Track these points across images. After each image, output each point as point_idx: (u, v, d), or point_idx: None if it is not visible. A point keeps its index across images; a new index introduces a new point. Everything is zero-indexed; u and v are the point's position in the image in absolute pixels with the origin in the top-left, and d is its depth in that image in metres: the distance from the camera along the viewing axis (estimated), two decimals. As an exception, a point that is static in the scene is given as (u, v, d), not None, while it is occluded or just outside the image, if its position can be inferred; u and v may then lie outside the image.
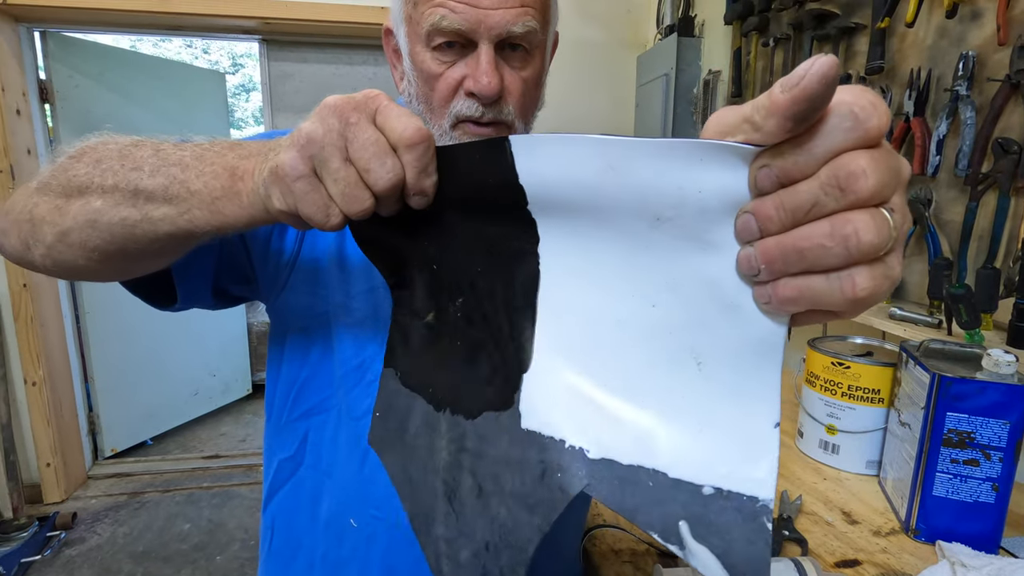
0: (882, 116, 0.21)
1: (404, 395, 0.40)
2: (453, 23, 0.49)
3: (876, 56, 1.14)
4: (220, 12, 2.12)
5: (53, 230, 0.41)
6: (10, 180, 2.10)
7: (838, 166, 0.22)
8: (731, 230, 0.25)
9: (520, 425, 0.35)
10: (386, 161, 0.32)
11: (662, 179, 0.26)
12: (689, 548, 0.28)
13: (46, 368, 2.26)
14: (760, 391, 0.27)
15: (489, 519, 0.35)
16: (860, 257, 0.22)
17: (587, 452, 0.32)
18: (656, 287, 0.29)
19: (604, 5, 2.37)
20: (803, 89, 0.20)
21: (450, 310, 0.39)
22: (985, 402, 0.68)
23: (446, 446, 0.38)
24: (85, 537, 2.15)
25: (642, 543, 0.74)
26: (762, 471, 0.26)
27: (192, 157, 0.38)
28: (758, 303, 0.26)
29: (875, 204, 0.22)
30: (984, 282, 0.91)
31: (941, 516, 0.73)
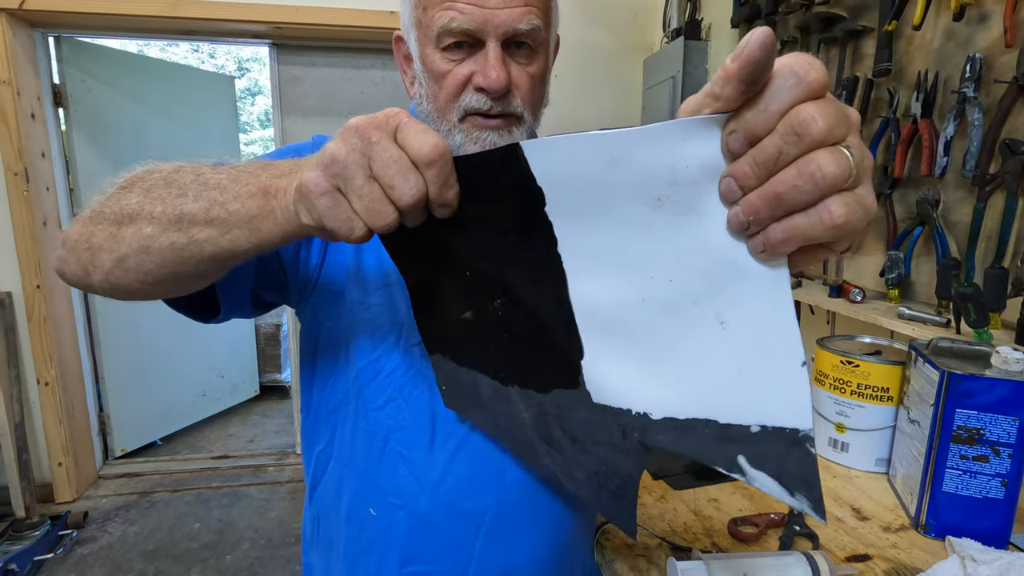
0: (819, 70, 0.25)
1: (464, 372, 0.45)
2: (462, 23, 0.52)
3: (883, 59, 1.16)
4: (231, 17, 2.14)
5: (110, 256, 0.44)
6: (24, 183, 2.13)
7: (791, 116, 0.25)
8: (716, 196, 0.29)
9: (592, 401, 0.41)
10: (409, 177, 0.34)
11: (656, 161, 0.29)
12: (750, 475, 0.32)
13: (58, 368, 2.29)
14: (780, 336, 0.29)
15: (592, 456, 0.41)
16: (828, 188, 0.25)
17: (651, 415, 0.37)
18: (668, 264, 0.32)
19: (611, 9, 2.38)
20: (747, 55, 0.24)
21: (489, 309, 0.43)
22: (994, 399, 0.69)
23: (525, 410, 0.43)
24: (96, 536, 2.17)
25: (655, 537, 0.75)
26: (797, 405, 0.30)
27: (229, 180, 0.40)
28: (754, 254, 0.29)
29: (831, 143, 0.25)
30: (992, 281, 0.92)
31: (951, 512, 0.74)
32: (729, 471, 0.33)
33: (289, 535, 2.18)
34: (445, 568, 0.59)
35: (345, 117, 2.57)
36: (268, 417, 3.27)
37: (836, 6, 1.34)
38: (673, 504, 0.83)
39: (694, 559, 0.65)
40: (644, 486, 0.88)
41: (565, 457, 0.42)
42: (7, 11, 2.03)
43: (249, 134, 9.14)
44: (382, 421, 0.58)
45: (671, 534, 0.75)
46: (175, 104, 2.83)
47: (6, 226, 2.15)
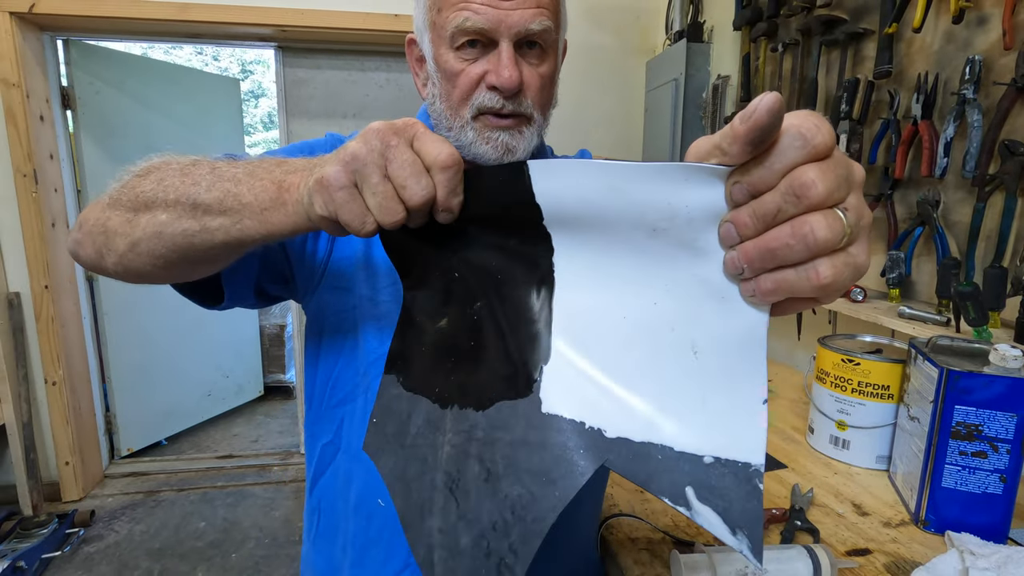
0: (826, 134, 0.26)
1: (406, 399, 0.44)
2: (476, 23, 0.54)
3: (884, 61, 1.17)
4: (238, 20, 2.17)
5: (125, 241, 0.46)
6: (33, 184, 2.15)
7: (793, 178, 0.26)
8: (715, 237, 0.30)
9: (540, 410, 0.39)
10: (420, 179, 0.36)
11: (655, 197, 0.31)
12: (695, 509, 0.32)
13: (66, 368, 2.31)
14: (748, 374, 0.31)
15: (499, 499, 0.38)
16: (819, 251, 0.27)
17: (604, 432, 0.36)
18: (656, 288, 0.34)
19: (614, 12, 2.40)
20: (755, 120, 0.25)
21: (466, 313, 0.43)
22: (992, 395, 0.70)
23: (450, 440, 0.41)
24: (103, 534, 2.19)
25: (658, 531, 0.76)
26: (753, 441, 0.31)
27: (244, 174, 0.43)
28: (744, 297, 0.30)
29: (830, 206, 0.27)
30: (992, 281, 0.93)
31: (950, 507, 0.75)
32: (675, 503, 0.32)
33: (293, 534, 2.19)
34: None
35: (350, 119, 2.60)
36: (272, 417, 3.29)
37: (837, 9, 1.35)
38: (676, 500, 0.84)
39: (696, 553, 0.66)
40: (647, 482, 0.89)
41: (461, 511, 0.39)
42: (17, 15, 2.05)
43: (253, 136, 9.18)
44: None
45: (674, 528, 0.77)
46: (181, 106, 2.85)
47: (15, 227, 2.18)
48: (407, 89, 2.64)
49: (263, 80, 9.31)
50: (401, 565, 0.61)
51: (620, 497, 0.85)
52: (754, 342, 0.31)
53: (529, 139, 0.59)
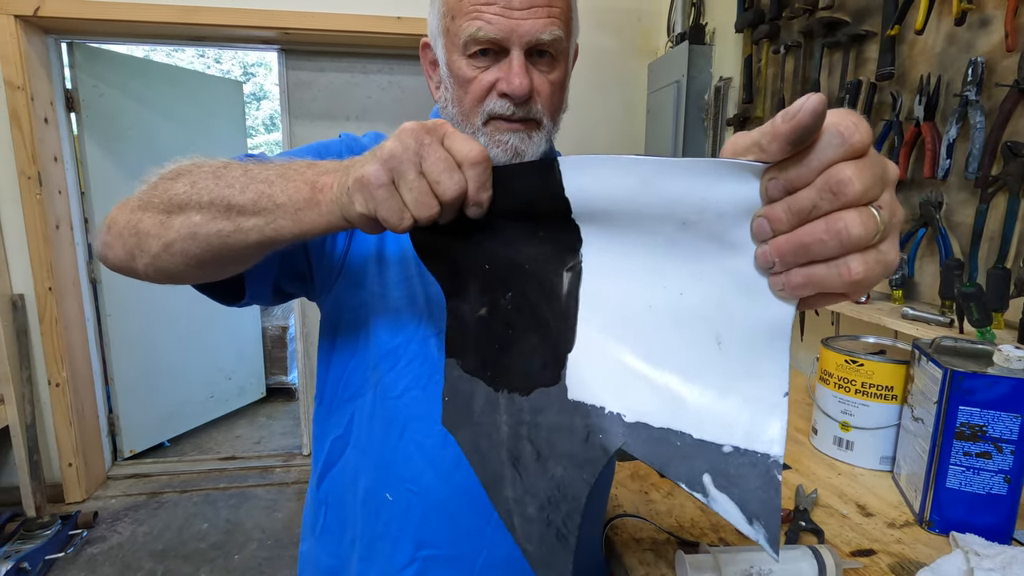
0: (863, 133, 0.26)
1: (466, 380, 0.46)
2: (489, 32, 0.55)
3: (886, 63, 1.17)
4: (241, 23, 2.18)
5: (158, 242, 0.47)
6: (37, 186, 2.16)
7: (830, 175, 0.27)
8: (747, 231, 0.31)
9: (567, 396, 0.40)
10: (453, 175, 0.38)
11: (687, 191, 0.31)
12: (712, 496, 0.32)
13: (69, 370, 2.32)
14: (772, 366, 0.31)
15: (548, 478, 0.40)
16: (852, 247, 0.27)
17: (624, 416, 0.37)
18: (683, 279, 0.34)
19: (616, 13, 2.41)
20: (799, 120, 0.26)
21: (500, 303, 0.44)
22: (996, 396, 0.71)
23: (506, 421, 0.43)
24: (106, 536, 2.19)
25: (662, 532, 0.76)
26: (773, 432, 0.31)
27: (276, 175, 0.44)
28: (773, 290, 0.31)
29: (864, 203, 0.27)
30: (995, 282, 0.93)
31: (954, 508, 0.75)
32: (691, 488, 0.33)
33: (296, 535, 2.19)
34: (458, 553, 0.61)
35: (352, 121, 2.61)
36: (275, 419, 3.29)
37: (839, 11, 1.36)
38: (680, 500, 0.84)
39: (702, 553, 0.67)
40: (652, 483, 0.89)
41: (526, 483, 0.42)
42: (22, 18, 2.06)
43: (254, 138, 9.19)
44: (400, 410, 0.61)
45: (679, 529, 0.77)
46: (184, 108, 2.86)
47: (19, 229, 2.19)
48: (409, 91, 2.65)
49: (265, 82, 9.32)
50: (407, 559, 0.62)
51: (624, 498, 0.85)
52: (779, 335, 0.31)
53: (538, 143, 0.60)
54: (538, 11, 0.55)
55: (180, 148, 2.51)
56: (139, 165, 2.83)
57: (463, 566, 0.62)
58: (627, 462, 0.96)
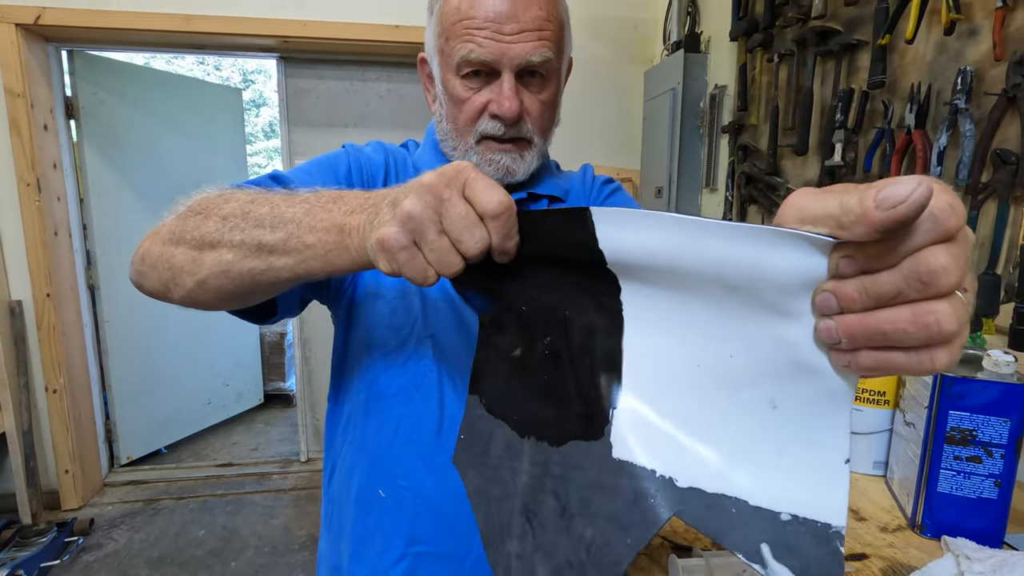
0: (960, 217, 0.23)
1: (488, 420, 0.44)
2: (480, 55, 0.57)
3: (878, 71, 1.19)
4: (240, 31, 2.19)
5: (192, 278, 0.48)
6: (36, 193, 2.17)
7: (920, 262, 0.24)
8: (807, 302, 0.28)
9: (611, 455, 0.38)
10: (475, 232, 0.36)
11: (737, 255, 0.29)
12: (771, 567, 0.31)
13: (67, 376, 2.32)
14: (830, 432, 0.30)
15: (575, 538, 0.38)
16: (941, 342, 0.25)
17: (676, 481, 0.35)
18: (732, 343, 0.32)
19: (612, 22, 2.43)
20: (900, 214, 0.22)
21: (538, 347, 0.42)
22: (985, 400, 0.71)
23: (528, 469, 0.41)
24: (102, 543, 2.18)
25: (656, 536, 0.77)
26: (835, 501, 0.30)
27: (303, 213, 0.44)
28: (835, 365, 0.28)
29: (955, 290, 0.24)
30: (985, 288, 0.94)
31: (946, 512, 0.75)
32: (750, 559, 0.31)
33: (293, 542, 2.19)
34: (448, 550, 0.62)
35: (351, 128, 2.63)
36: (272, 425, 3.29)
37: (832, 20, 1.37)
38: (674, 505, 0.85)
39: (695, 557, 0.67)
40: (646, 488, 0.89)
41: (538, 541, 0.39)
42: (23, 26, 2.08)
43: (254, 144, 9.22)
44: (395, 408, 0.62)
45: (673, 534, 0.77)
46: (184, 116, 2.88)
47: (18, 236, 2.19)
48: (408, 99, 2.66)
49: (264, 90, 9.36)
50: (398, 555, 0.63)
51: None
52: (839, 404, 0.29)
53: (530, 162, 0.62)
54: (528, 35, 0.57)
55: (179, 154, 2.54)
56: (138, 172, 2.83)
57: (454, 563, 0.63)
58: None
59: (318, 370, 2.77)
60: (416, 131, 2.77)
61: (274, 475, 2.71)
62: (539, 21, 0.57)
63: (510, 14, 0.56)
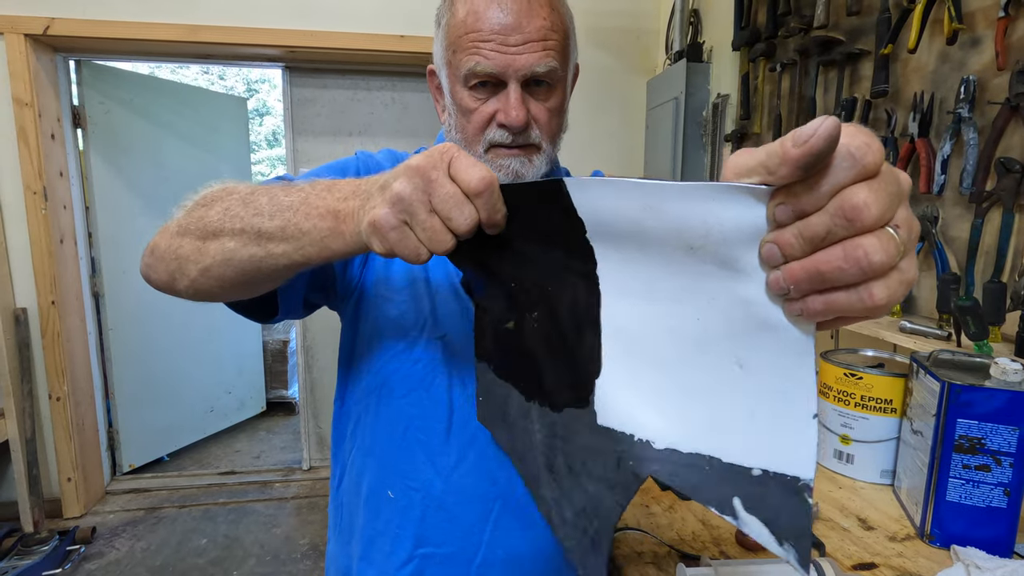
0: (876, 153, 0.25)
1: (499, 384, 0.47)
2: (487, 67, 0.58)
3: (880, 80, 1.19)
4: (247, 41, 2.22)
5: (196, 267, 0.50)
6: (43, 201, 2.18)
7: (843, 200, 0.25)
8: (755, 256, 0.30)
9: (596, 422, 0.41)
10: (464, 209, 0.38)
11: (689, 215, 0.31)
12: (742, 518, 0.32)
13: (70, 384, 2.32)
14: (796, 388, 0.31)
15: (583, 491, 0.41)
16: (873, 274, 0.26)
17: (653, 444, 0.37)
18: (697, 304, 0.34)
19: (615, 32, 2.45)
20: (811, 146, 0.24)
21: (527, 320, 0.45)
22: (993, 408, 0.71)
23: (539, 431, 0.44)
24: (104, 551, 2.17)
25: (663, 545, 0.76)
26: (803, 455, 0.30)
27: (300, 201, 0.46)
28: (790, 315, 0.30)
29: (881, 226, 0.26)
30: (991, 296, 0.94)
31: (955, 521, 0.75)
32: (721, 511, 0.33)
33: (295, 551, 2.18)
34: (455, 550, 0.63)
35: (356, 137, 2.64)
36: (274, 433, 3.28)
37: (834, 30, 1.38)
38: (681, 514, 0.84)
39: (703, 567, 0.67)
40: (653, 496, 0.89)
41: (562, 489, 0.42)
42: (31, 36, 2.10)
43: (257, 153, 9.26)
44: (404, 410, 0.63)
45: (680, 543, 0.77)
46: (189, 125, 2.90)
47: (23, 243, 2.20)
48: (412, 108, 2.68)
49: (268, 99, 9.42)
50: (406, 557, 0.63)
51: (626, 511, 0.85)
52: (801, 357, 0.30)
53: (539, 166, 0.63)
54: (533, 45, 0.58)
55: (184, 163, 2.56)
56: (144, 180, 2.85)
57: (460, 565, 0.63)
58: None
59: (321, 378, 2.77)
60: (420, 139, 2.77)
61: (276, 483, 2.70)
62: (543, 31, 0.59)
63: (515, 26, 0.58)
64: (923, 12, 1.08)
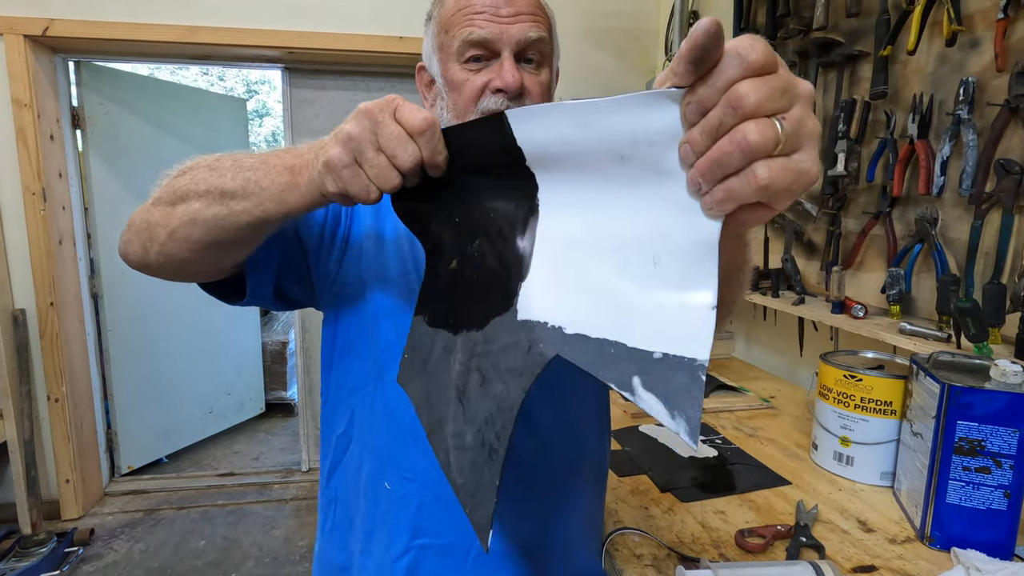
0: (759, 51, 0.28)
1: (429, 334, 0.51)
2: (480, 35, 0.60)
3: (880, 82, 1.19)
4: (246, 42, 2.21)
5: (164, 230, 0.52)
6: (42, 202, 2.18)
7: (730, 92, 0.29)
8: (677, 157, 0.33)
9: (516, 318, 0.45)
10: (407, 147, 0.42)
11: (619, 126, 0.34)
12: (639, 395, 0.34)
13: (69, 385, 2.31)
14: (701, 280, 0.34)
15: (489, 399, 0.44)
16: (754, 155, 0.29)
17: (564, 329, 0.41)
18: (626, 210, 0.37)
19: (614, 33, 2.45)
20: (693, 40, 0.28)
21: (468, 252, 0.48)
22: (994, 410, 0.71)
23: (459, 359, 0.48)
24: (102, 553, 2.17)
25: (663, 547, 0.76)
26: (700, 340, 0.33)
27: (260, 162, 0.49)
28: (704, 210, 0.33)
29: (767, 115, 0.29)
30: (991, 297, 0.94)
31: (955, 523, 0.75)
32: (620, 388, 0.35)
33: (294, 553, 2.17)
34: (452, 541, 0.63)
35: (354, 138, 2.64)
36: (273, 435, 3.28)
37: (833, 32, 1.38)
38: (681, 516, 0.84)
39: (703, 569, 0.66)
40: (652, 498, 0.89)
41: (467, 415, 0.45)
42: (31, 37, 2.10)
43: (257, 154, 9.24)
44: (400, 398, 0.62)
45: (679, 545, 0.77)
46: (188, 126, 2.90)
47: (22, 244, 2.20)
48: (411, 109, 2.68)
49: (267, 100, 9.42)
50: (403, 548, 0.64)
51: (625, 513, 0.85)
52: (707, 250, 0.33)
53: None
54: (524, 16, 0.61)
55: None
56: (142, 181, 2.84)
57: (456, 556, 0.63)
58: (627, 478, 0.95)
59: (320, 379, 2.77)
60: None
61: (275, 485, 2.69)
62: (532, 7, 0.62)
63: (505, 1, 0.60)
64: (922, 14, 1.08)
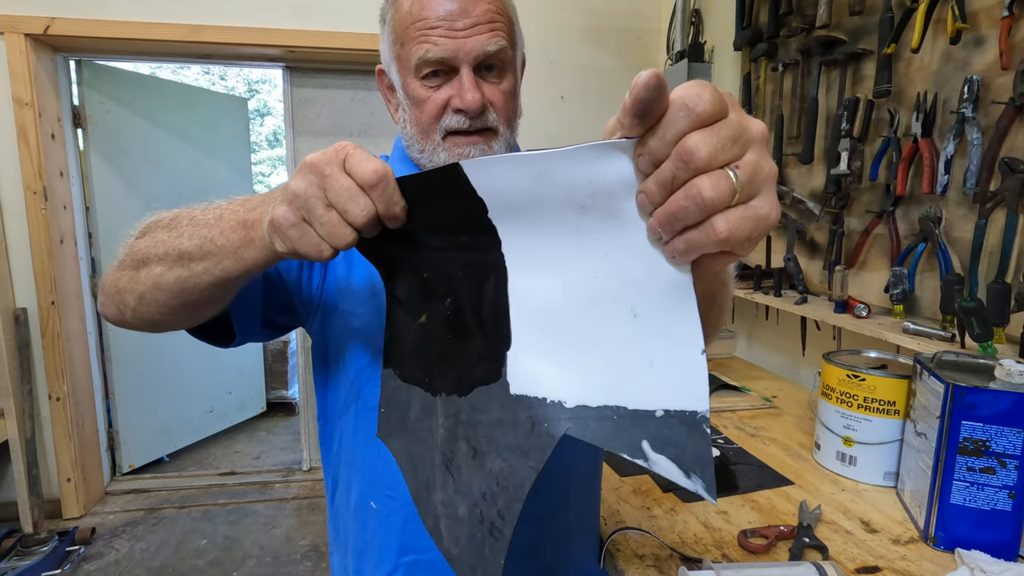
0: (707, 102, 0.27)
1: (403, 389, 0.48)
2: (437, 53, 0.58)
3: (883, 80, 1.19)
4: (247, 41, 2.21)
5: (133, 296, 0.51)
6: (43, 201, 2.18)
7: (680, 145, 0.28)
8: (635, 207, 0.32)
9: (509, 392, 0.42)
10: (359, 202, 0.38)
11: (576, 177, 0.33)
12: (652, 460, 0.34)
13: (70, 384, 2.31)
14: (684, 329, 0.33)
15: (485, 473, 0.42)
16: (711, 209, 0.28)
17: (565, 403, 0.39)
18: (593, 262, 0.36)
19: (616, 32, 2.44)
20: (635, 95, 0.27)
21: (440, 309, 0.46)
22: (998, 410, 0.71)
23: (442, 424, 0.45)
24: (103, 552, 2.17)
25: (665, 547, 0.76)
26: (696, 390, 0.32)
27: (214, 219, 0.47)
28: (667, 259, 0.32)
29: (719, 166, 0.28)
30: (995, 296, 0.94)
31: (959, 524, 0.74)
32: (633, 457, 0.34)
33: (295, 552, 2.17)
34: (438, 557, 0.62)
35: (356, 137, 2.64)
36: (274, 434, 3.28)
37: (836, 30, 1.38)
38: (683, 516, 0.84)
39: (705, 569, 0.66)
40: (654, 498, 0.88)
41: (457, 485, 0.43)
42: (32, 36, 2.10)
43: (258, 153, 9.26)
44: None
45: (681, 545, 0.76)
46: (190, 125, 2.89)
47: (23, 243, 2.20)
48: (412, 108, 2.67)
49: (269, 99, 9.42)
50: (391, 567, 0.64)
51: (627, 513, 0.84)
52: (682, 295, 0.32)
53: (498, 151, 0.62)
54: (481, 28, 0.58)
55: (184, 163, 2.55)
56: (144, 180, 2.85)
57: (445, 569, 0.63)
58: (628, 478, 0.95)
59: (321, 378, 2.77)
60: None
61: (276, 484, 2.69)
62: (490, 14, 0.59)
63: (460, 10, 0.58)
64: (926, 11, 1.07)
